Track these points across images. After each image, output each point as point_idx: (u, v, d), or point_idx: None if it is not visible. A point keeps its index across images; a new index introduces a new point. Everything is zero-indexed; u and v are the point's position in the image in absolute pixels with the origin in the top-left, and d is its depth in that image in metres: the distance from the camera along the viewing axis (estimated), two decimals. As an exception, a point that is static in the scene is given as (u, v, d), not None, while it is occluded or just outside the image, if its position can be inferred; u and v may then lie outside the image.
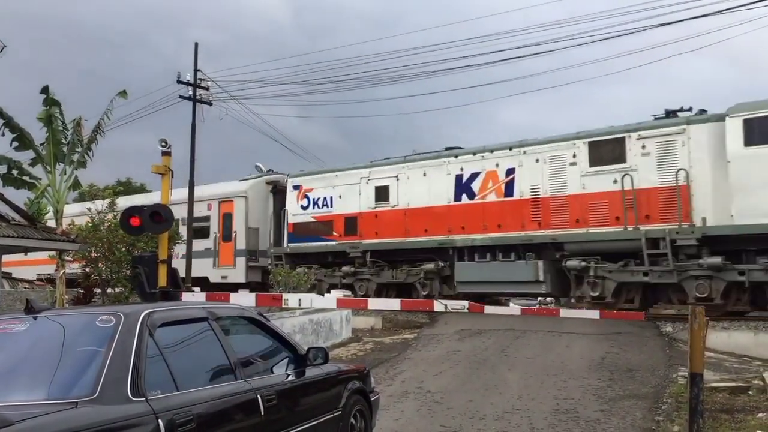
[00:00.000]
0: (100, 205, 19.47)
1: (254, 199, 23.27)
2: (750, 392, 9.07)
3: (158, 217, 10.67)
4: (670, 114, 16.09)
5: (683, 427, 7.06)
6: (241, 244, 22.95)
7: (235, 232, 23.07)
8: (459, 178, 18.78)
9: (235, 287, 21.47)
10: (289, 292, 17.44)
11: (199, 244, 23.54)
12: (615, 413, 8.29)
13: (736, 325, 13.83)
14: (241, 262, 22.89)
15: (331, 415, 5.66)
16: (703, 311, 6.43)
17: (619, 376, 10.45)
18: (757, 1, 16.83)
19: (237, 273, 22.91)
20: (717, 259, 14.58)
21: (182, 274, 24.72)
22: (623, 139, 16.21)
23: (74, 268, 18.96)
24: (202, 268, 23.15)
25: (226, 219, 23.55)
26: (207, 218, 24.03)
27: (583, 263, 16.37)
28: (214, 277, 23.35)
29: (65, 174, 18.55)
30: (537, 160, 17.49)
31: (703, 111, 15.92)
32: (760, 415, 7.70)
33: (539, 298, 32.41)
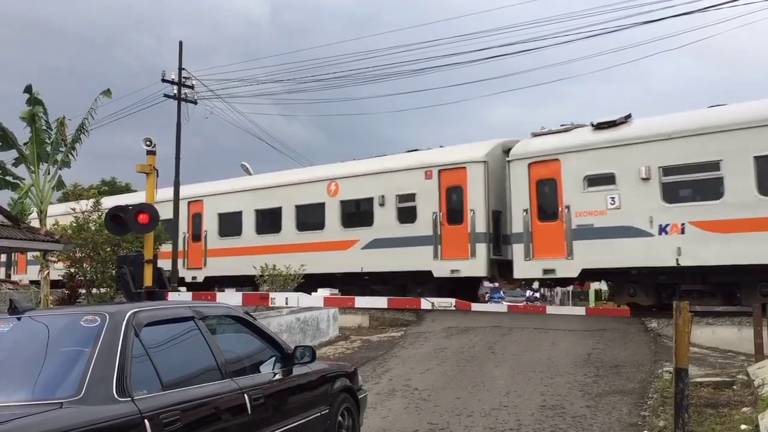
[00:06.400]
0: (85, 204, 19.39)
1: (495, 169, 18.42)
2: (734, 387, 9.14)
3: (143, 216, 10.59)
4: None
5: (669, 421, 7.11)
6: (480, 226, 18.06)
7: (472, 210, 18.11)
8: None
9: (469, 283, 18.91)
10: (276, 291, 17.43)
11: (403, 229, 19.22)
12: (601, 409, 8.34)
13: (720, 320, 13.97)
14: (481, 250, 17.95)
15: (319, 414, 5.65)
16: (687, 307, 6.44)
17: (605, 372, 10.51)
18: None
19: (474, 265, 18.12)
20: None
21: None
22: None
23: (59, 268, 18.81)
24: (413, 258, 18.88)
25: (452, 194, 18.74)
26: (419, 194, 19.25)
27: None
28: (438, 270, 18.56)
29: (49, 174, 18.39)
30: None
31: None
32: (745, 409, 7.76)
33: (528, 293, 32.59)
